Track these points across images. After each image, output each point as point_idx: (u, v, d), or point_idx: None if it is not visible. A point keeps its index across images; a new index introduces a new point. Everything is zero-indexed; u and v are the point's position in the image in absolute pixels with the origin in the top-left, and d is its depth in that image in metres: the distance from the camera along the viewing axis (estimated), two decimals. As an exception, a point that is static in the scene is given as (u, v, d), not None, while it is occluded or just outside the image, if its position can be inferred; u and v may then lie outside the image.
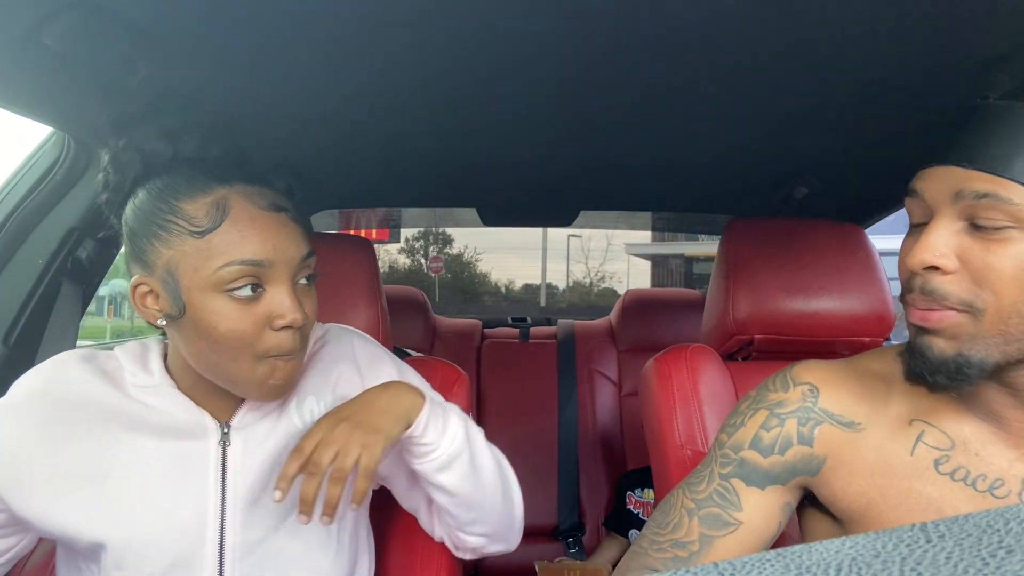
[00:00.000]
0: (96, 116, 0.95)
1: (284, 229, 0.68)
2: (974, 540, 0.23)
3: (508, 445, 1.96)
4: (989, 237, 0.55)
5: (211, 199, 0.66)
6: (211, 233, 0.65)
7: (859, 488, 0.67)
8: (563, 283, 14.56)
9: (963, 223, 0.57)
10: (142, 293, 0.69)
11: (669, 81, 0.85)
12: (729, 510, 0.69)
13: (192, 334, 0.68)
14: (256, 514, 0.74)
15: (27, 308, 1.08)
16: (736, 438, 0.72)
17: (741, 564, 0.23)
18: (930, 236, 0.57)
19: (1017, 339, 0.56)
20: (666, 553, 0.70)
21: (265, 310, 0.67)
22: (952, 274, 0.57)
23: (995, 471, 0.62)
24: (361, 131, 1.09)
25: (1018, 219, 0.54)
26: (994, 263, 0.55)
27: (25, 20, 0.67)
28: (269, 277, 0.67)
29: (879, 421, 0.68)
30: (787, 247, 1.08)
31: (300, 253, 0.69)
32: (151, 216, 0.67)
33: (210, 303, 0.66)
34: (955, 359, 0.57)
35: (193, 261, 0.65)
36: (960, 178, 0.56)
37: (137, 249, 0.68)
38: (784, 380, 0.74)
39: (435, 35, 0.73)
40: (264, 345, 0.68)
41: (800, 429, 0.70)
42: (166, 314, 0.68)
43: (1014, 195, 0.54)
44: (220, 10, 0.67)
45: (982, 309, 0.56)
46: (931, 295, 0.57)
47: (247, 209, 0.67)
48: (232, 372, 0.69)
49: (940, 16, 0.66)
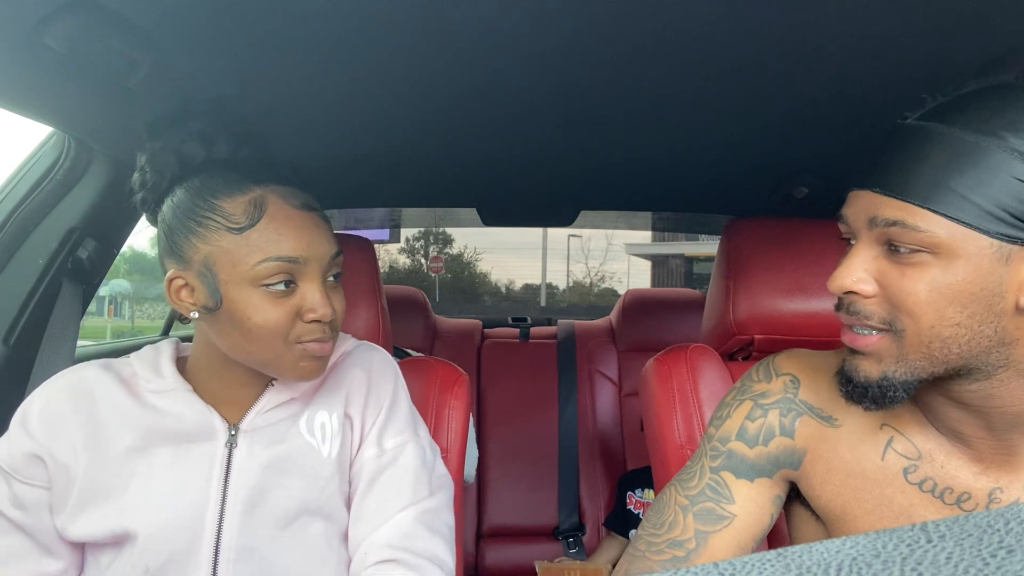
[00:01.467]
0: (96, 116, 0.95)
1: (317, 228, 0.72)
2: (974, 540, 0.23)
3: (508, 445, 1.99)
4: (904, 261, 0.55)
5: (248, 198, 0.70)
6: (249, 230, 0.69)
7: (835, 488, 0.68)
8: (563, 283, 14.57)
9: (881, 247, 0.57)
10: (177, 287, 0.72)
11: (669, 81, 0.85)
12: (722, 503, 0.70)
13: (227, 326, 0.71)
14: (255, 519, 0.74)
15: (27, 308, 1.08)
16: (724, 430, 0.73)
17: (741, 564, 0.23)
18: (850, 262, 0.59)
19: (942, 361, 0.56)
20: (664, 555, 0.70)
21: (297, 304, 0.71)
22: (872, 297, 0.58)
23: (961, 485, 0.62)
24: (361, 131, 1.09)
25: (928, 245, 0.54)
26: (908, 288, 0.55)
27: (25, 20, 0.67)
28: (302, 273, 0.70)
29: (854, 420, 0.68)
30: (787, 247, 1.08)
31: (331, 251, 0.73)
32: (189, 213, 0.70)
33: (246, 296, 0.69)
34: (879, 382, 0.58)
35: (231, 257, 0.69)
36: (874, 204, 0.57)
37: (174, 245, 0.71)
38: (767, 370, 0.74)
39: (435, 36, 0.73)
40: (295, 333, 0.71)
41: (782, 420, 0.71)
42: (202, 306, 0.71)
43: (920, 222, 0.53)
44: (220, 10, 0.67)
45: (901, 330, 0.56)
46: (856, 315, 0.59)
47: (283, 208, 0.70)
48: (266, 358, 0.72)
49: (940, 17, 0.66)
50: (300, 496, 0.76)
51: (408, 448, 0.81)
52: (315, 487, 0.77)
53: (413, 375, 1.01)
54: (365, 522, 0.78)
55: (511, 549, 1.86)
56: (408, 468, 0.80)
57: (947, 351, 0.55)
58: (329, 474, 0.78)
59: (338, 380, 0.82)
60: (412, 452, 0.81)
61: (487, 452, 1.94)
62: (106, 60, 0.73)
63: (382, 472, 0.80)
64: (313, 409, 0.79)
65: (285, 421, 0.77)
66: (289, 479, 0.76)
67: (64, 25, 0.67)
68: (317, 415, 0.79)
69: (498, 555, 1.86)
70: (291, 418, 0.78)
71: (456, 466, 0.98)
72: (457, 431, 0.99)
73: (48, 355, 1.07)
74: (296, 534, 0.76)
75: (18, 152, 1.12)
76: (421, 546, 0.77)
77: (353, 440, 0.81)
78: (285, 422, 0.77)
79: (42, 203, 1.10)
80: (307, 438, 0.78)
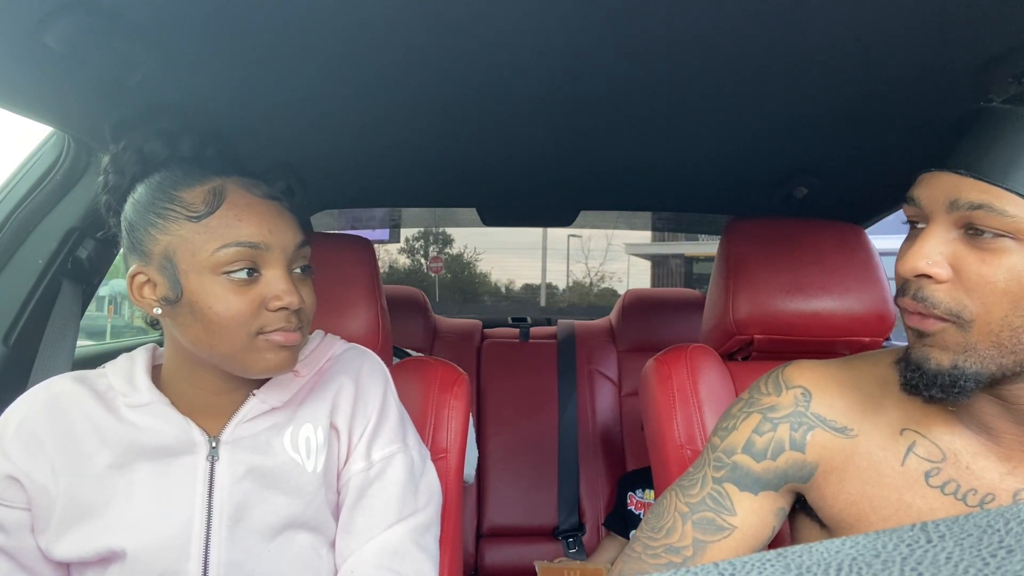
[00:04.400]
0: (96, 116, 0.95)
1: (279, 216, 0.71)
2: (974, 540, 0.23)
3: (508, 445, 1.99)
4: (984, 246, 0.54)
5: (208, 187, 0.69)
6: (208, 217, 0.67)
7: (849, 496, 0.66)
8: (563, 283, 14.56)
9: (959, 231, 0.56)
10: (139, 283, 0.71)
11: (669, 82, 0.85)
12: (723, 515, 0.69)
13: (189, 318, 0.69)
14: (242, 532, 0.73)
15: (27, 308, 1.08)
16: (729, 442, 0.71)
17: (741, 564, 0.23)
18: (924, 244, 0.56)
19: (1012, 351, 0.54)
20: (660, 559, 0.70)
21: (261, 292, 0.69)
22: (944, 283, 0.56)
23: (986, 485, 0.61)
24: (362, 131, 1.09)
25: (1015, 230, 0.52)
26: (987, 274, 0.53)
27: (25, 20, 0.67)
28: (265, 260, 0.69)
29: (871, 428, 0.67)
30: (787, 247, 1.08)
31: (295, 240, 0.71)
32: (149, 206, 0.69)
33: (207, 285, 0.67)
34: (951, 372, 0.56)
35: (190, 245, 0.67)
36: (956, 186, 0.55)
37: (135, 240, 0.70)
38: (776, 382, 0.72)
39: (436, 37, 0.73)
40: (259, 323, 0.69)
41: (792, 434, 0.69)
42: (163, 298, 0.69)
43: (1009, 206, 0.52)
44: (220, 11, 0.67)
45: (969, 320, 0.55)
46: (922, 302, 0.57)
47: (243, 196, 0.69)
48: (229, 352, 0.69)
49: (939, 17, 0.66)
50: (285, 512, 0.74)
51: (396, 460, 0.80)
52: (300, 502, 0.75)
53: (413, 375, 1.01)
54: (353, 536, 0.77)
55: (511, 549, 1.86)
56: (397, 481, 0.79)
57: (1017, 340, 0.54)
58: (314, 489, 0.76)
59: (324, 387, 0.80)
60: (400, 464, 0.80)
61: (487, 452, 1.94)
62: (106, 60, 0.73)
63: (370, 485, 0.79)
64: (298, 422, 0.77)
65: (268, 432, 0.75)
66: (273, 494, 0.74)
67: (64, 25, 0.67)
68: (302, 429, 0.77)
69: (498, 555, 1.86)
70: (274, 430, 0.76)
71: (456, 466, 0.98)
72: (457, 431, 0.99)
73: (48, 355, 1.07)
74: (283, 546, 0.75)
75: (18, 152, 1.12)
76: (410, 567, 0.76)
77: (340, 451, 0.79)
78: (268, 433, 0.75)
79: (42, 203, 1.10)
80: (291, 454, 0.76)
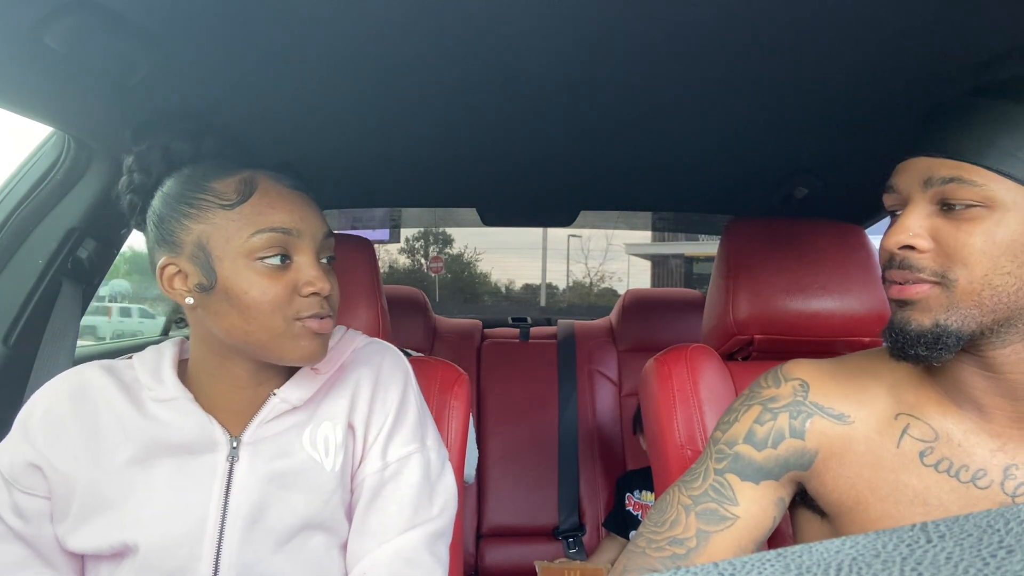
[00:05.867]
0: (96, 116, 0.95)
1: (307, 205, 0.73)
2: (974, 540, 0.23)
3: (508, 445, 1.99)
4: (959, 216, 0.60)
5: (239, 178, 0.71)
6: (241, 205, 0.69)
7: (848, 481, 0.69)
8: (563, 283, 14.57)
9: (934, 206, 0.61)
10: (170, 275, 0.72)
11: (669, 81, 0.85)
12: (725, 504, 0.70)
13: (224, 305, 0.70)
14: (255, 534, 0.72)
15: (27, 308, 1.08)
16: (730, 434, 0.74)
17: (741, 564, 0.23)
18: (905, 219, 0.62)
19: (991, 310, 0.59)
20: (664, 552, 0.70)
21: (293, 278, 0.70)
22: (927, 252, 0.61)
23: (977, 462, 0.64)
24: (362, 132, 1.09)
25: (984, 198, 0.58)
26: (964, 239, 0.59)
27: (25, 20, 0.67)
28: (296, 247, 0.71)
29: (867, 415, 0.70)
30: (787, 247, 1.08)
31: (322, 229, 0.73)
32: (180, 198, 0.71)
33: (242, 271, 0.69)
34: (932, 330, 0.61)
35: (224, 232, 0.69)
36: (929, 166, 0.61)
37: (165, 232, 0.71)
38: (776, 377, 0.76)
39: (436, 39, 0.73)
40: (293, 308, 0.70)
41: (792, 422, 0.72)
42: (196, 285, 0.70)
43: (977, 178, 0.58)
44: (221, 11, 0.67)
45: (954, 280, 0.60)
46: (908, 268, 0.62)
47: (274, 185, 0.71)
48: (264, 337, 0.70)
49: (939, 17, 0.66)
50: (302, 511, 0.74)
51: (413, 460, 0.79)
52: (318, 501, 0.75)
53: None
54: (367, 538, 0.77)
55: (511, 549, 1.86)
56: (412, 484, 0.78)
57: (997, 299, 0.59)
58: (332, 488, 0.76)
59: (343, 383, 0.80)
60: (417, 465, 0.79)
61: (487, 452, 1.94)
62: (106, 60, 0.73)
63: (384, 486, 0.78)
64: (318, 420, 0.77)
65: (288, 433, 0.75)
66: (291, 494, 0.74)
67: (64, 25, 0.67)
68: (321, 427, 0.77)
69: (498, 555, 1.86)
70: (295, 429, 0.76)
71: (456, 466, 0.98)
72: (457, 431, 0.99)
73: (48, 355, 1.07)
74: (296, 549, 0.74)
75: (18, 152, 1.12)
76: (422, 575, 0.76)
77: (355, 450, 0.79)
78: (288, 434, 0.75)
79: (42, 203, 1.10)
80: (310, 452, 0.76)
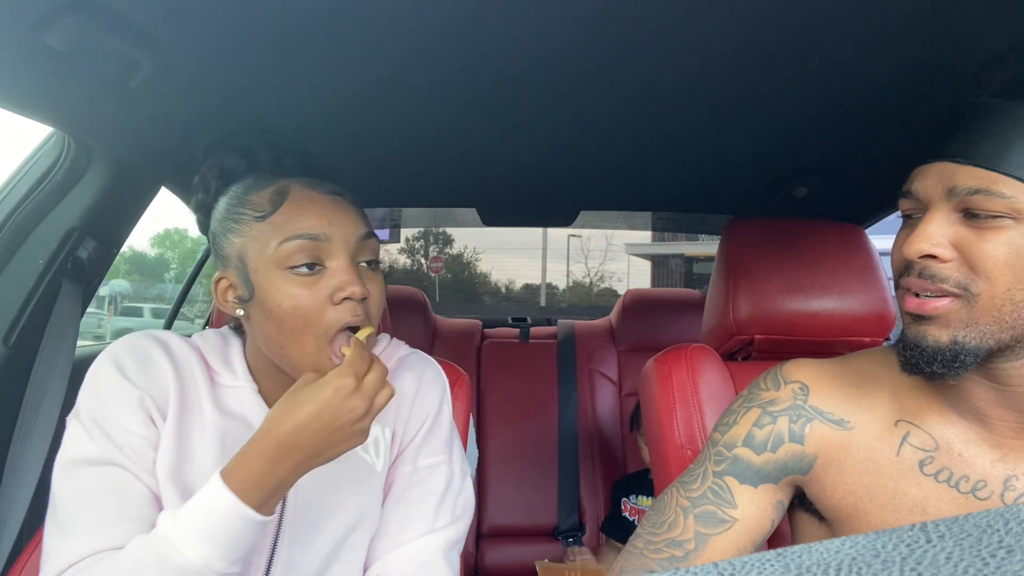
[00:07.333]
0: (96, 116, 0.95)
1: (341, 208, 0.72)
2: (974, 540, 0.23)
3: (508, 445, 1.99)
4: (983, 226, 0.57)
5: (274, 188, 0.71)
6: (272, 215, 0.70)
7: (847, 487, 0.68)
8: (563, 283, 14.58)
9: (957, 214, 0.59)
10: (223, 288, 0.73)
11: (670, 81, 0.85)
12: (724, 507, 0.70)
13: (261, 316, 0.70)
14: (310, 536, 0.73)
15: (27, 308, 1.08)
16: (729, 436, 0.73)
17: (741, 564, 0.23)
18: (927, 226, 0.59)
19: (1011, 326, 0.57)
20: (662, 553, 0.70)
21: (326, 285, 0.69)
22: (949, 262, 0.59)
23: (978, 472, 0.63)
24: (362, 133, 1.09)
25: (1012, 210, 0.55)
26: (988, 250, 0.57)
27: (25, 20, 0.67)
28: (327, 252, 0.69)
29: (867, 421, 0.69)
30: (787, 247, 1.08)
31: (357, 231, 0.72)
32: (227, 214, 0.72)
33: (274, 282, 0.68)
34: (950, 347, 0.59)
35: (258, 243, 0.69)
36: (953, 174, 0.58)
37: (217, 247, 0.73)
38: (775, 378, 0.75)
39: (436, 39, 0.73)
40: (327, 322, 0.68)
41: (791, 427, 0.71)
42: (238, 297, 0.71)
43: (1006, 188, 0.56)
44: (221, 12, 0.67)
45: (976, 294, 0.57)
46: (930, 278, 0.59)
47: (305, 193, 0.71)
48: (296, 355, 0.69)
49: (939, 17, 0.66)
50: (354, 512, 0.75)
51: (439, 471, 0.81)
52: (369, 502, 0.76)
53: (413, 375, 1.01)
54: (384, 540, 0.78)
55: (511, 549, 1.86)
56: (435, 491, 0.79)
57: (1017, 315, 0.57)
58: (380, 487, 0.78)
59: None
60: (442, 475, 0.81)
61: (487, 452, 1.94)
62: (106, 60, 0.73)
63: (409, 490, 0.79)
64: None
65: None
66: (345, 496, 0.75)
67: (64, 25, 0.67)
68: (372, 428, 0.77)
69: (498, 555, 1.86)
70: None
71: (456, 466, 0.98)
72: (457, 431, 0.99)
73: (48, 355, 1.07)
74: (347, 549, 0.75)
75: (18, 152, 1.12)
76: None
77: (392, 452, 0.81)
78: None
79: (42, 203, 1.10)
80: (362, 454, 0.77)
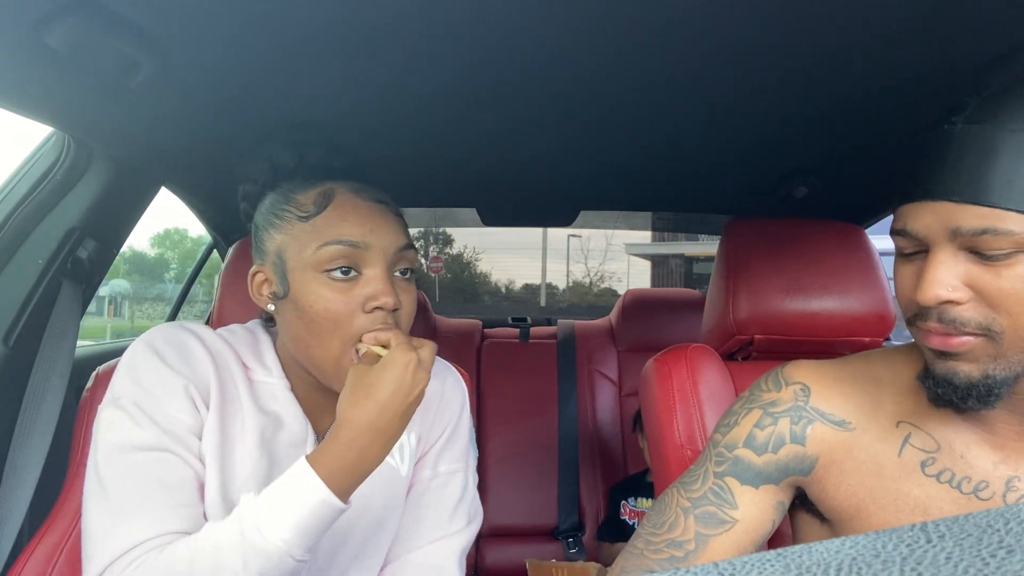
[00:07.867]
0: (96, 116, 0.95)
1: (383, 218, 0.72)
2: (974, 540, 0.23)
3: (508, 445, 1.99)
4: (995, 263, 0.55)
5: (320, 190, 0.72)
6: (316, 217, 0.70)
7: (849, 488, 0.68)
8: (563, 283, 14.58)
9: (965, 253, 0.56)
10: (259, 281, 0.74)
11: (669, 81, 0.85)
12: (724, 508, 0.70)
13: (292, 315, 0.70)
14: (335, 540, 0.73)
15: (27, 308, 1.08)
16: (730, 437, 0.73)
17: (741, 564, 0.23)
18: (936, 271, 0.56)
19: None
20: (662, 554, 0.70)
21: (360, 292, 0.69)
22: (967, 303, 0.56)
23: (980, 473, 0.63)
24: (361, 133, 1.09)
25: (1021, 245, 0.53)
26: (1006, 287, 0.54)
27: (25, 20, 0.67)
28: (365, 260, 0.70)
29: (869, 422, 0.69)
30: (787, 247, 1.08)
31: (397, 242, 0.72)
32: (271, 209, 0.73)
33: (310, 283, 0.69)
34: (983, 381, 0.57)
35: (298, 243, 0.70)
36: (952, 214, 0.55)
37: (258, 240, 0.74)
38: (776, 379, 0.75)
39: (435, 40, 0.73)
40: (355, 327, 0.68)
41: (792, 428, 0.71)
42: (272, 293, 0.72)
43: (1012, 225, 0.53)
44: (222, 13, 0.67)
45: (999, 332, 0.56)
46: (951, 323, 0.57)
47: (350, 199, 0.72)
48: (319, 355, 0.70)
49: (940, 17, 0.66)
50: (380, 516, 0.76)
51: (456, 478, 0.82)
52: (393, 507, 0.77)
53: (413, 375, 1.01)
54: (401, 541, 0.79)
55: (511, 549, 1.86)
56: (452, 498, 0.81)
57: None
58: (403, 492, 0.78)
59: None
60: (459, 483, 0.82)
61: (487, 452, 1.94)
62: (106, 60, 0.73)
63: (427, 495, 0.80)
64: None
65: None
66: (371, 501, 0.75)
67: (64, 25, 0.67)
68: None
69: (498, 555, 1.86)
70: None
71: (456, 466, 0.98)
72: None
73: (48, 355, 1.07)
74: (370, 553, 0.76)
75: (18, 152, 1.12)
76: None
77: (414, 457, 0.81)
78: None
79: (42, 203, 1.10)
80: (388, 460, 0.76)
